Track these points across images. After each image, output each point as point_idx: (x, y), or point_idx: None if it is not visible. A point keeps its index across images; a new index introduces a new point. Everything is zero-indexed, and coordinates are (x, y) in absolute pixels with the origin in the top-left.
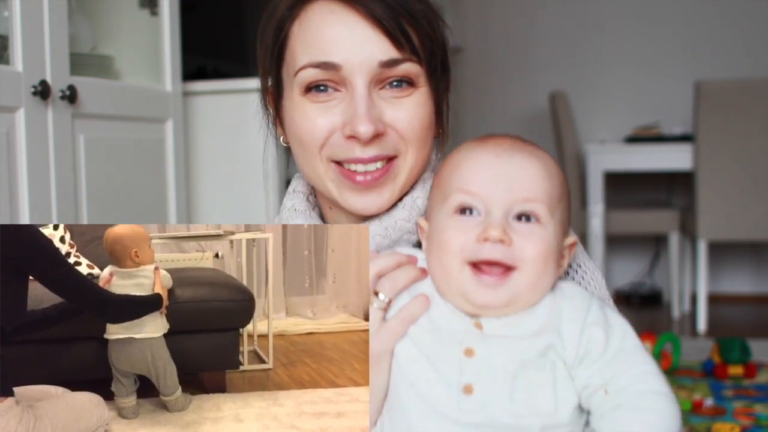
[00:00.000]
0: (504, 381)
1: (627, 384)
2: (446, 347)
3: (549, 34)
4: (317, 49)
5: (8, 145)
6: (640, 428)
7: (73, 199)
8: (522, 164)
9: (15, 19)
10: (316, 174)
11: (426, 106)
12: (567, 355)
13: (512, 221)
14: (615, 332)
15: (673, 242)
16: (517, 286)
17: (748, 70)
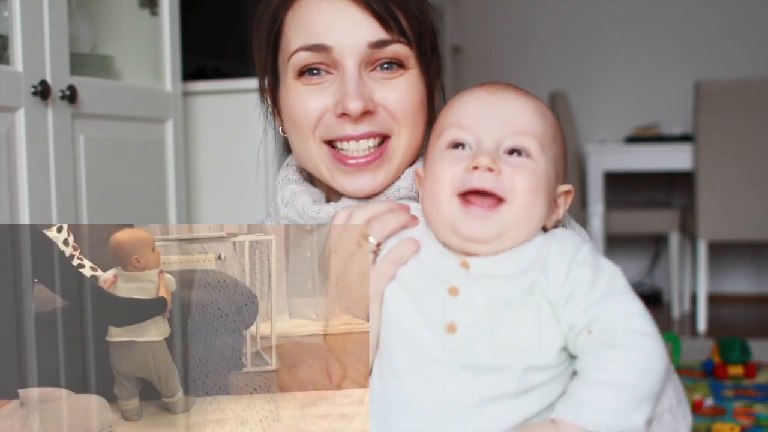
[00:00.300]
0: (487, 319)
1: (611, 324)
2: (431, 287)
3: (549, 34)
4: (309, 33)
5: (8, 145)
6: (622, 365)
7: (73, 199)
8: (515, 101)
9: (15, 19)
10: (310, 157)
11: (416, 87)
12: (552, 293)
13: (503, 154)
14: (603, 274)
15: (673, 242)
16: (506, 218)
17: (748, 70)
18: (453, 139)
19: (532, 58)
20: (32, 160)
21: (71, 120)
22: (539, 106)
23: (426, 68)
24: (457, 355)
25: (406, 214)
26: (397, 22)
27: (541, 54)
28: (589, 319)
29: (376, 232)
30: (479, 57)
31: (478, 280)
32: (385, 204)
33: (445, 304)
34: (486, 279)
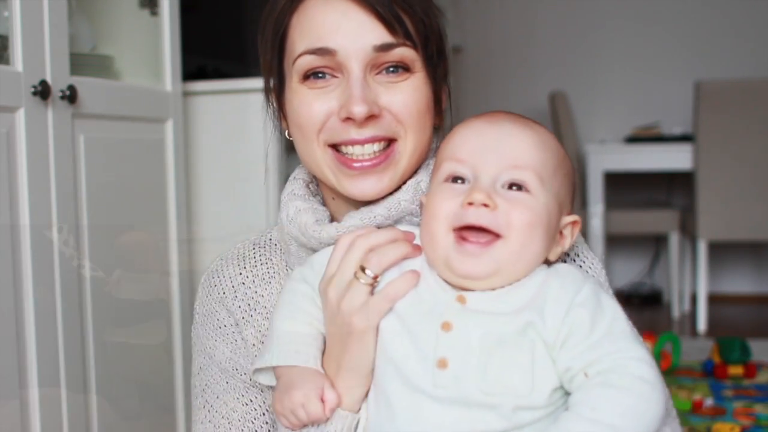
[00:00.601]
0: (479, 357)
1: (609, 367)
2: (426, 320)
3: (549, 34)
4: (313, 36)
5: (8, 145)
6: (613, 406)
7: (73, 199)
8: (513, 132)
9: (15, 19)
10: (314, 161)
11: (422, 91)
12: (548, 334)
13: (500, 189)
14: (604, 315)
15: (673, 242)
16: (501, 255)
17: (748, 70)
18: (450, 172)
19: (532, 58)
20: (32, 160)
21: (71, 120)
22: (540, 137)
23: (432, 71)
24: (447, 391)
25: (406, 246)
26: (403, 25)
27: (541, 54)
28: (586, 362)
29: (374, 264)
30: (479, 57)
31: (472, 316)
32: (388, 233)
33: (438, 339)
34: (481, 315)
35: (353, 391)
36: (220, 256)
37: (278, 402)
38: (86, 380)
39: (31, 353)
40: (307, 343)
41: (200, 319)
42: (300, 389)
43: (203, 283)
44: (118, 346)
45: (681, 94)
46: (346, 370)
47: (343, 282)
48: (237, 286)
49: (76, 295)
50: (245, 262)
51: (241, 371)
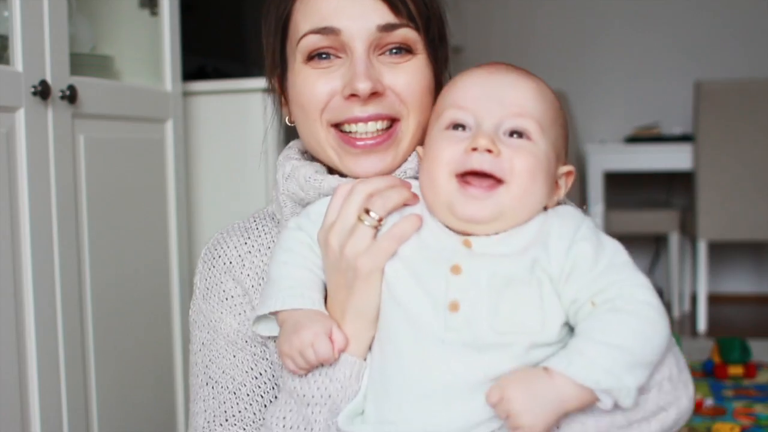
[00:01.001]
0: (489, 297)
1: (615, 295)
2: (434, 265)
3: (549, 34)
4: (318, 17)
5: (8, 145)
6: (620, 328)
7: (73, 199)
8: (515, 82)
9: (15, 19)
10: (317, 141)
11: (425, 73)
12: (553, 269)
13: (502, 136)
14: (605, 249)
15: (673, 242)
16: (504, 200)
17: (748, 70)
18: (452, 119)
19: (532, 58)
20: (32, 160)
21: (71, 120)
22: (540, 87)
23: (434, 54)
24: (459, 334)
25: (407, 191)
26: (406, 6)
27: (541, 54)
28: (592, 292)
29: (378, 207)
30: (479, 57)
31: (480, 258)
32: (387, 179)
33: (448, 282)
34: (488, 257)
35: (360, 336)
36: (220, 231)
37: (285, 342)
38: (86, 380)
39: (32, 353)
40: (310, 287)
41: (202, 293)
42: (309, 329)
43: (204, 257)
44: (118, 346)
45: (681, 94)
46: (351, 315)
47: (345, 227)
48: (244, 255)
49: (77, 294)
50: (249, 233)
51: (251, 343)
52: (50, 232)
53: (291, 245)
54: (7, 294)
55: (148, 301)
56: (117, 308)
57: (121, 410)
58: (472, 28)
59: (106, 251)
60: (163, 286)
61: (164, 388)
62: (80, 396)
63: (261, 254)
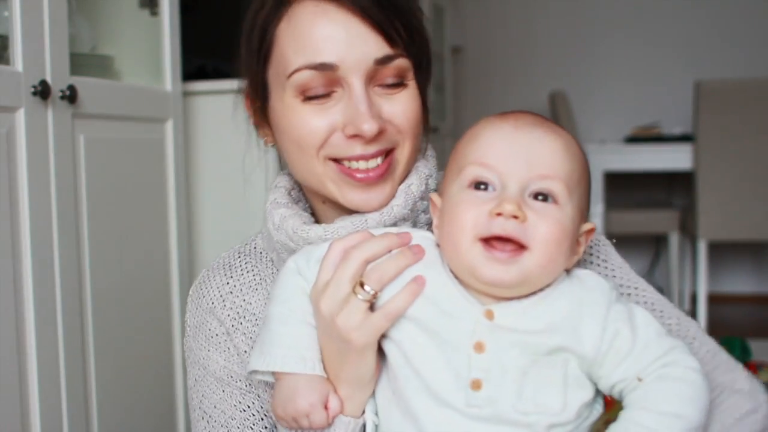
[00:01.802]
0: (513, 379)
1: (660, 365)
2: (455, 338)
3: (549, 35)
4: (311, 50)
5: (8, 145)
6: (673, 396)
7: (73, 199)
8: (543, 139)
9: (15, 19)
10: (314, 174)
11: (417, 100)
12: (586, 352)
13: (528, 199)
14: (638, 323)
15: (673, 242)
16: (528, 266)
17: (748, 70)
18: (475, 177)
19: (532, 58)
20: (32, 160)
21: (71, 120)
22: (568, 144)
23: (422, 80)
24: (481, 410)
25: (406, 255)
26: (400, 35)
27: (541, 54)
28: (638, 369)
29: (373, 281)
30: (479, 57)
31: (504, 335)
32: (384, 240)
33: (470, 359)
34: (512, 334)
35: (354, 398)
36: (207, 267)
37: (280, 408)
38: (86, 380)
39: (31, 353)
40: (310, 346)
41: (192, 331)
42: (305, 398)
43: (191, 295)
44: (118, 346)
45: (681, 94)
46: (345, 381)
47: (338, 296)
48: (225, 296)
49: (77, 294)
50: (231, 271)
51: (236, 378)
52: (50, 232)
53: (290, 295)
54: (7, 294)
55: (148, 301)
56: (117, 308)
57: (121, 410)
58: (472, 28)
59: (106, 251)
60: (163, 286)
61: (164, 388)
62: (80, 396)
63: (242, 293)
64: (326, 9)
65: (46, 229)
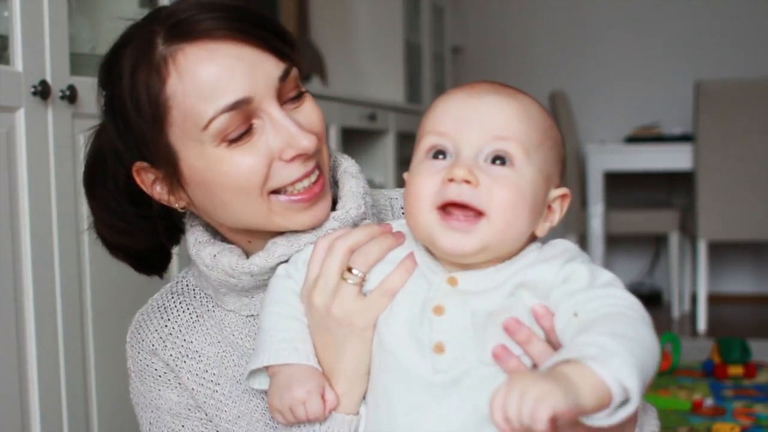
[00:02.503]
0: (474, 334)
1: (599, 305)
2: (418, 306)
3: (549, 35)
4: (219, 93)
5: (8, 145)
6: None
7: (73, 199)
8: (496, 103)
9: (15, 19)
10: (258, 215)
11: (316, 102)
12: (540, 285)
13: (483, 163)
14: (602, 274)
15: (673, 242)
16: (486, 234)
17: (748, 70)
18: (431, 146)
19: (532, 58)
20: (32, 160)
21: (71, 120)
22: (525, 106)
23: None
24: (448, 374)
25: (387, 238)
26: (283, 47)
27: (541, 54)
28: (577, 304)
29: (360, 263)
30: (479, 57)
31: (463, 296)
32: (365, 230)
33: (431, 323)
34: (471, 295)
35: (351, 393)
36: (140, 311)
37: (276, 397)
38: (86, 380)
39: (31, 353)
40: (303, 339)
41: (137, 376)
42: (302, 386)
43: (130, 341)
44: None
45: (681, 94)
46: (342, 374)
47: (328, 286)
48: (165, 337)
49: (77, 294)
50: (168, 312)
51: (194, 410)
52: (50, 232)
53: (281, 295)
54: (7, 294)
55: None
56: (117, 308)
57: (121, 410)
58: (472, 28)
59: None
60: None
61: None
62: (80, 396)
63: (182, 333)
64: (213, 49)
65: (46, 229)
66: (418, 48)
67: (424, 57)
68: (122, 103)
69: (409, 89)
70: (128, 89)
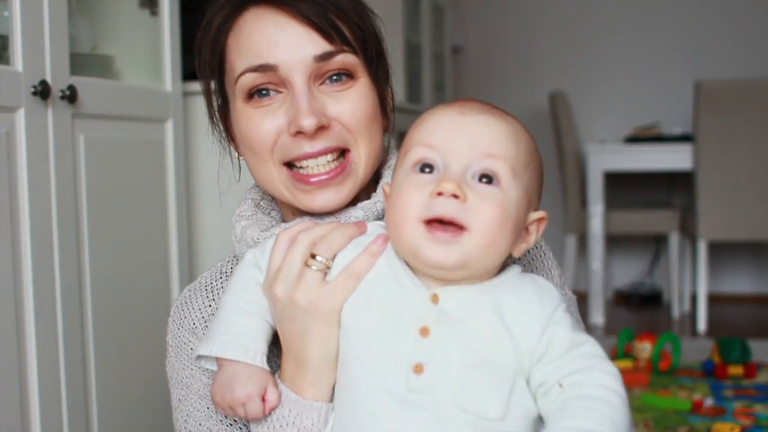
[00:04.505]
0: (458, 372)
1: (584, 378)
2: (402, 323)
3: (549, 34)
4: (252, 54)
5: (8, 145)
6: (592, 414)
7: (73, 199)
8: (487, 122)
9: (15, 19)
10: (270, 180)
11: (368, 97)
12: (524, 357)
13: (471, 180)
14: (580, 338)
15: (673, 242)
16: (468, 248)
17: (748, 70)
18: (419, 158)
19: (532, 58)
20: (32, 160)
21: (71, 120)
22: (514, 128)
23: (375, 75)
24: (420, 396)
25: (349, 227)
26: (339, 32)
27: (541, 54)
28: (562, 375)
29: (323, 250)
30: (479, 57)
31: (450, 323)
32: (329, 225)
33: (415, 343)
34: (458, 323)
35: (322, 381)
36: (188, 287)
37: (218, 395)
38: (86, 380)
39: (31, 353)
40: (256, 338)
41: (174, 351)
42: (243, 388)
43: (173, 316)
44: (118, 345)
45: (681, 94)
46: (310, 362)
47: (291, 275)
48: (207, 318)
49: (77, 294)
50: (213, 293)
51: None
52: (50, 232)
53: (245, 286)
54: (7, 294)
55: (148, 301)
56: (117, 308)
57: (121, 410)
58: (472, 28)
59: (106, 251)
60: (163, 285)
61: (164, 387)
62: (80, 396)
63: None
64: (266, 14)
65: (46, 229)
66: (418, 48)
67: (424, 57)
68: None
69: (409, 89)
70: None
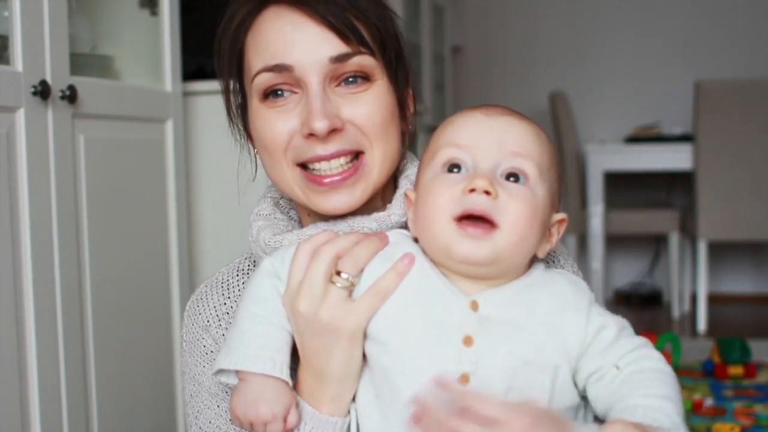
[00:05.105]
0: (502, 377)
1: (638, 357)
2: (444, 332)
3: (549, 34)
4: (268, 53)
5: (8, 145)
6: (659, 384)
7: (73, 199)
8: (513, 123)
9: (15, 19)
10: (284, 180)
11: (385, 99)
12: (569, 344)
13: (500, 178)
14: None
15: (673, 242)
16: (499, 244)
17: (748, 70)
18: (449, 158)
19: (532, 58)
20: (32, 160)
21: (71, 120)
22: (537, 131)
23: (393, 77)
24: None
25: (373, 241)
26: (357, 33)
27: (541, 54)
28: (617, 357)
29: (349, 267)
30: (479, 57)
31: (492, 329)
32: (352, 236)
33: (459, 353)
34: (499, 327)
35: (341, 397)
36: (205, 283)
37: (239, 408)
38: (86, 380)
39: (31, 353)
40: (280, 349)
41: (187, 347)
42: (269, 407)
43: (188, 311)
44: (118, 345)
45: (681, 94)
46: (332, 378)
47: (315, 292)
48: (222, 316)
49: (77, 294)
50: (229, 291)
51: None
52: (50, 232)
53: (265, 295)
54: (7, 294)
55: (148, 301)
56: (117, 308)
57: (121, 410)
58: (472, 28)
59: (105, 251)
60: (163, 285)
61: (164, 387)
62: (80, 396)
63: None
64: (283, 14)
65: (46, 229)
66: (418, 48)
67: (424, 57)
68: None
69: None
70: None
